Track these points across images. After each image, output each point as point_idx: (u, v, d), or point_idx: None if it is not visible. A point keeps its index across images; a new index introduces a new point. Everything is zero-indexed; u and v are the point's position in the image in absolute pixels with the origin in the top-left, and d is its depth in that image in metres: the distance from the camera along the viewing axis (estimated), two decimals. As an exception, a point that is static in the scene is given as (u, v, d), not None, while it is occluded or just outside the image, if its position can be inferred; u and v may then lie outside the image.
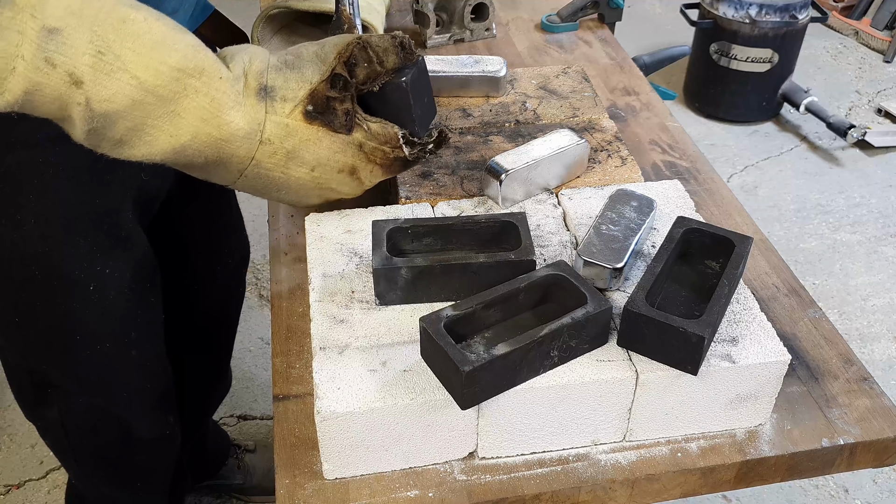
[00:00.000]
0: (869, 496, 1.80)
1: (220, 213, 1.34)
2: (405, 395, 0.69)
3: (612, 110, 1.20)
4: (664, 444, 0.75)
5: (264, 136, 0.73)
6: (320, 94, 0.74)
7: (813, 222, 2.60)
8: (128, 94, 0.66)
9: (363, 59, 0.76)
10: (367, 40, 0.77)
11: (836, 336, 0.86)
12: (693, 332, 0.67)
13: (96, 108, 0.66)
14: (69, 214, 0.94)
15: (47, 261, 0.95)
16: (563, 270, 0.74)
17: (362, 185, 0.82)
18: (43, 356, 1.07)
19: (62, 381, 1.10)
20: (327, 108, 0.75)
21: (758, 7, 2.78)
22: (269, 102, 0.73)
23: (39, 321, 1.01)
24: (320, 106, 0.75)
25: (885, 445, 0.77)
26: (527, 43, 1.39)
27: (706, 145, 2.92)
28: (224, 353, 1.54)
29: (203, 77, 0.69)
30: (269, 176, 0.76)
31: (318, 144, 0.76)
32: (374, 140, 0.78)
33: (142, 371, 1.12)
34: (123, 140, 0.69)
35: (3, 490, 1.76)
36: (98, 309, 1.01)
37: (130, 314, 1.05)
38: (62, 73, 0.63)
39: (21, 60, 0.61)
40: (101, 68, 0.64)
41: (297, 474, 0.72)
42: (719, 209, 1.01)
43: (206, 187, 1.22)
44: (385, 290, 0.77)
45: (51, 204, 0.93)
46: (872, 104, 3.18)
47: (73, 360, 1.06)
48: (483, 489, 0.72)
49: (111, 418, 1.14)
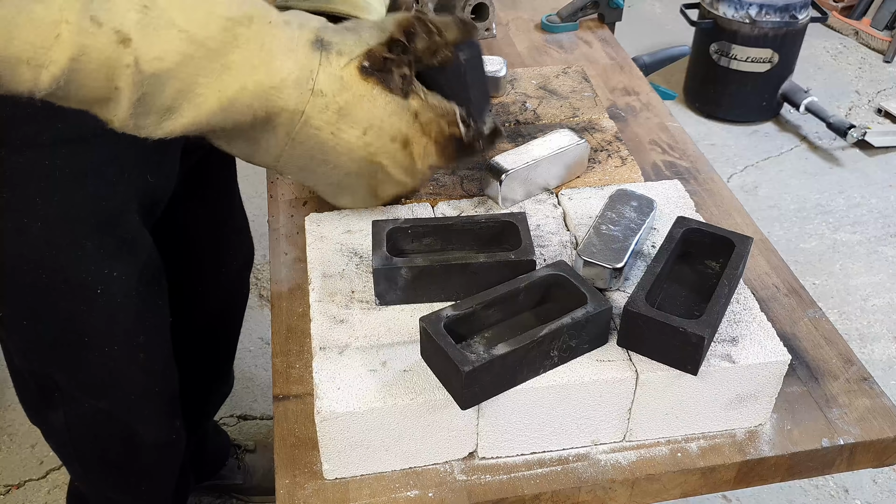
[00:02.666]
0: (869, 496, 1.80)
1: (225, 215, 1.33)
2: (405, 395, 0.69)
3: (612, 110, 1.20)
4: (664, 444, 0.75)
5: (316, 86, 0.70)
6: (377, 54, 0.72)
7: (813, 222, 2.60)
8: (178, 48, 0.63)
9: (423, 31, 0.74)
10: (426, 15, 0.75)
11: (836, 336, 0.86)
12: (693, 332, 0.67)
13: (146, 68, 0.63)
14: (75, 218, 0.93)
15: (53, 264, 0.94)
16: (563, 270, 0.74)
17: (414, 167, 0.78)
18: (49, 359, 1.06)
19: (68, 384, 1.09)
20: (384, 68, 0.72)
21: (758, 7, 2.78)
22: (324, 54, 0.70)
23: (46, 325, 1.00)
24: (377, 64, 0.72)
25: (885, 445, 0.77)
26: (527, 43, 1.39)
27: (706, 145, 2.92)
28: (227, 354, 1.54)
29: (253, 25, 0.66)
30: (318, 138, 0.73)
31: (373, 102, 0.73)
32: (431, 111, 0.76)
33: (149, 375, 1.11)
34: (172, 107, 0.66)
35: (3, 490, 1.76)
36: (105, 312, 1.00)
37: (138, 317, 1.05)
38: (109, 31, 0.60)
39: (66, 25, 0.59)
40: (148, 23, 0.62)
41: (297, 474, 0.72)
42: (719, 209, 1.01)
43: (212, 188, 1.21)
44: (385, 290, 0.77)
45: (57, 207, 0.92)
46: (872, 104, 3.18)
47: (79, 364, 1.05)
48: (483, 489, 0.72)
49: (117, 423, 1.14)
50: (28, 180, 0.89)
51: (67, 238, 0.94)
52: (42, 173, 0.89)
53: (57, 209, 0.92)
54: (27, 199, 0.90)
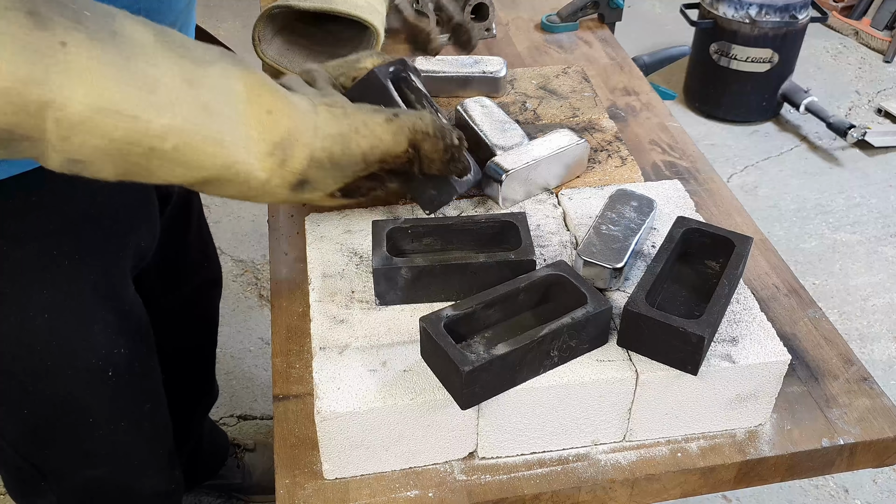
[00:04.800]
0: (869, 496, 1.80)
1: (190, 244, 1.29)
2: (405, 395, 0.69)
3: (612, 110, 1.20)
4: (664, 444, 0.75)
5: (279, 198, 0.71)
6: (353, 184, 0.75)
7: (813, 222, 2.60)
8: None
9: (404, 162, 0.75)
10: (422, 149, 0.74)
11: (836, 336, 0.86)
12: (693, 332, 0.67)
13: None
14: (81, 302, 0.91)
15: (59, 351, 0.91)
16: (563, 270, 0.74)
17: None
18: (44, 443, 1.01)
19: (62, 464, 1.05)
20: (355, 190, 0.76)
21: (758, 7, 2.78)
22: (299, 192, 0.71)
23: (46, 410, 0.97)
24: (348, 190, 0.75)
25: (885, 445, 0.77)
26: (527, 43, 1.39)
27: (706, 145, 2.92)
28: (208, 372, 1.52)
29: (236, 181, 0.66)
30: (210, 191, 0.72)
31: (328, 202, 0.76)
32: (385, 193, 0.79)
33: (150, 439, 1.09)
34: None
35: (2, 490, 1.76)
36: (110, 391, 0.98)
37: (141, 387, 1.03)
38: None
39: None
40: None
41: (297, 474, 0.72)
42: (719, 209, 1.01)
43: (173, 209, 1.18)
44: (385, 290, 0.77)
45: (62, 295, 0.89)
46: (872, 104, 3.18)
47: (81, 443, 1.02)
48: (483, 489, 0.72)
49: (113, 485, 1.11)
50: (31, 272, 0.87)
51: (73, 324, 0.91)
52: (47, 262, 0.87)
53: (62, 297, 0.89)
54: (30, 291, 0.87)
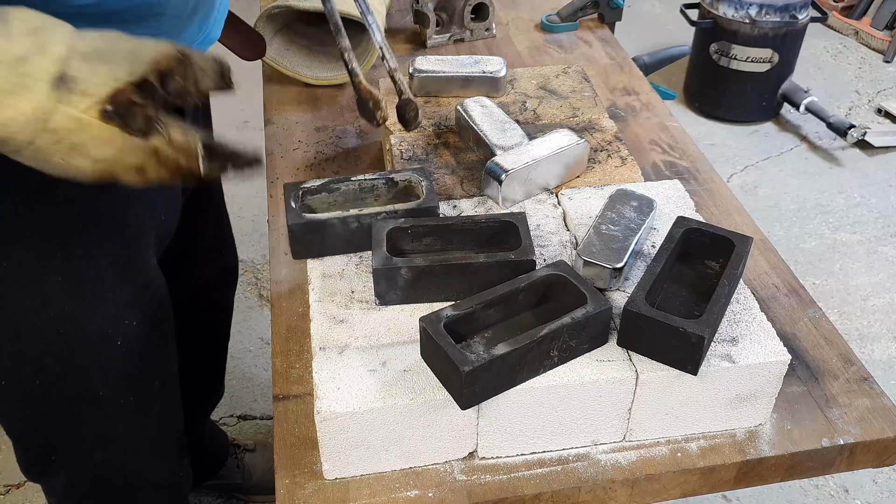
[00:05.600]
0: (869, 496, 1.80)
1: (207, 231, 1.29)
2: (405, 395, 0.69)
3: (612, 110, 1.20)
4: (664, 444, 0.75)
5: (50, 125, 0.68)
6: (124, 97, 0.69)
7: (813, 222, 2.60)
8: None
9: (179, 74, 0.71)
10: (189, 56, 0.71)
11: (836, 336, 0.86)
12: (693, 332, 0.67)
13: None
14: (98, 270, 0.90)
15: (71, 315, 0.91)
16: (563, 270, 0.74)
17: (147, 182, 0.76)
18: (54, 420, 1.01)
19: (74, 444, 1.04)
20: (128, 112, 0.70)
21: (758, 7, 2.78)
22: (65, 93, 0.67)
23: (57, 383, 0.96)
24: (121, 108, 0.69)
25: (885, 445, 0.77)
26: (527, 43, 1.39)
27: (706, 145, 2.92)
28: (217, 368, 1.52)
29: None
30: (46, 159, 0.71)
31: (110, 144, 0.71)
32: (171, 148, 0.73)
33: (161, 423, 1.09)
34: None
35: (2, 490, 1.76)
36: (119, 363, 0.98)
37: (152, 365, 1.02)
38: None
39: None
40: None
41: (297, 474, 0.72)
42: (719, 209, 1.01)
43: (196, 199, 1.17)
44: (385, 290, 0.77)
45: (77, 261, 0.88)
46: (872, 104, 3.18)
47: (90, 420, 1.01)
48: (483, 489, 0.72)
49: (122, 472, 1.10)
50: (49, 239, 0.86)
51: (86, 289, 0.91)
52: (62, 233, 0.87)
53: (77, 262, 0.89)
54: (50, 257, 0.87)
